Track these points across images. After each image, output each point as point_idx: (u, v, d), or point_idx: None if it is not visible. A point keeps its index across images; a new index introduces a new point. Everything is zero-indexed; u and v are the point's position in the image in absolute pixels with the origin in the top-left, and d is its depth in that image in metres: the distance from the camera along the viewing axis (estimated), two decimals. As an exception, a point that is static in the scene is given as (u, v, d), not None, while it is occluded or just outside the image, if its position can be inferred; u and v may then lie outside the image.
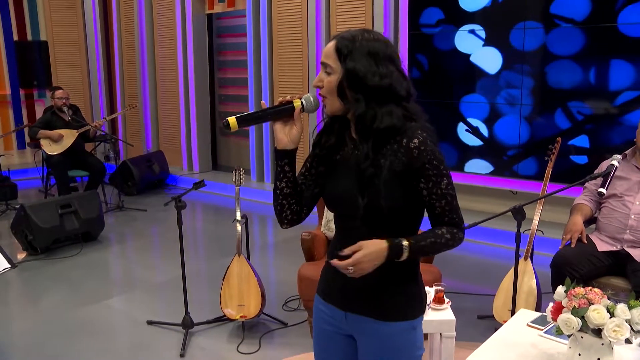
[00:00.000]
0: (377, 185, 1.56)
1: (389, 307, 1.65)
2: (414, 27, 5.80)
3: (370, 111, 1.56)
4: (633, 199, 3.23)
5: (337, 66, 1.58)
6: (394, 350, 1.67)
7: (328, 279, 1.77)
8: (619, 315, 2.14)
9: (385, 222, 1.60)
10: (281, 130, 1.65)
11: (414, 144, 1.56)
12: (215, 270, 4.66)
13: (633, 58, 4.68)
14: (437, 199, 1.58)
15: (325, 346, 1.82)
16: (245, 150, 7.99)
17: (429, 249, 1.61)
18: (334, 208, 1.71)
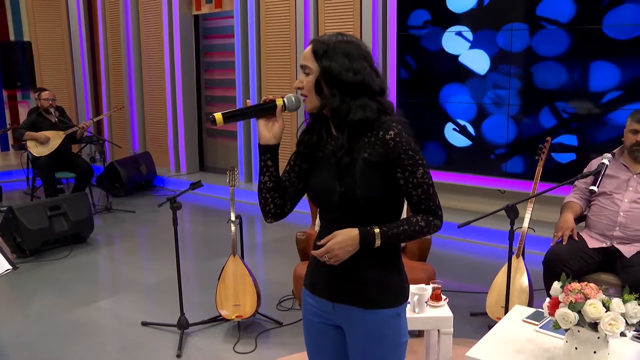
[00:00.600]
0: (353, 175, 1.65)
1: (373, 296, 1.72)
2: (402, 29, 5.86)
3: (345, 105, 1.67)
4: (622, 197, 3.31)
5: (314, 66, 1.68)
6: (380, 337, 1.74)
7: (315, 272, 1.83)
8: (615, 310, 2.20)
9: (364, 212, 1.68)
10: (264, 127, 1.74)
11: (389, 135, 1.65)
12: (207, 271, 4.67)
13: (617, 59, 4.78)
14: (414, 188, 1.67)
15: (315, 338, 1.89)
16: (232, 152, 8.00)
17: (403, 235, 1.70)
18: (315, 201, 1.80)
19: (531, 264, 3.63)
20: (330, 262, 1.67)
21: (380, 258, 1.72)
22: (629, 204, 3.28)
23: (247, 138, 7.35)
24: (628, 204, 3.28)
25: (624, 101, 4.79)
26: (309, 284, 1.87)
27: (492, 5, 5.30)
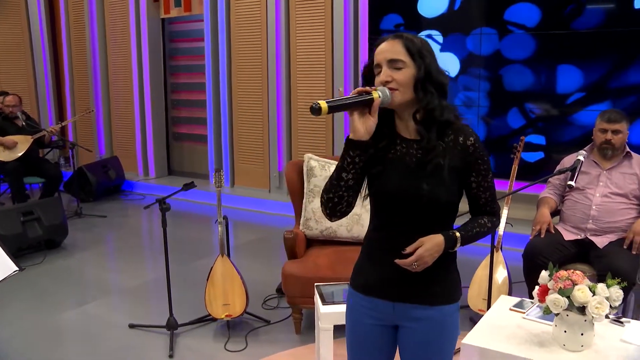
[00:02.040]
0: (441, 178, 1.68)
1: (439, 293, 1.78)
2: (374, 32, 5.99)
3: (439, 104, 1.68)
4: (594, 192, 3.50)
5: (410, 62, 1.67)
6: (441, 332, 1.81)
7: (370, 274, 1.83)
8: (600, 294, 2.35)
9: (439, 215, 1.73)
10: (359, 120, 1.65)
11: (470, 141, 1.72)
12: (188, 273, 4.68)
13: (579, 62, 5.01)
14: (484, 191, 1.77)
15: (365, 339, 1.88)
16: (199, 155, 7.99)
17: (475, 238, 1.79)
18: (390, 204, 1.75)
19: (508, 259, 3.78)
20: (417, 270, 1.70)
21: (444, 257, 1.75)
22: (600, 198, 3.47)
23: (217, 142, 7.34)
24: (600, 198, 3.47)
25: (587, 102, 5.03)
26: (361, 286, 1.86)
27: (462, 10, 5.49)
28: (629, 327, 2.63)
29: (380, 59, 1.70)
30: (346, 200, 1.74)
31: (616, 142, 3.49)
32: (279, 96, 6.68)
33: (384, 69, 1.69)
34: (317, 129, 6.53)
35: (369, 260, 1.84)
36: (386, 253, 1.76)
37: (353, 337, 1.91)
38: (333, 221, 1.80)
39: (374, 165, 1.75)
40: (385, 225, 1.79)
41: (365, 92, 1.64)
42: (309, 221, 3.94)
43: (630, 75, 4.84)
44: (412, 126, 1.74)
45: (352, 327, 1.91)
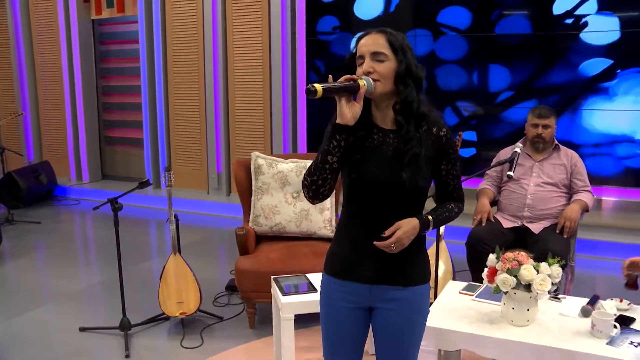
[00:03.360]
0: (418, 165, 1.79)
1: (412, 274, 1.90)
2: (311, 34, 6.12)
3: (417, 97, 1.80)
4: (528, 182, 3.75)
5: (391, 56, 1.77)
6: (416, 310, 1.93)
7: (347, 260, 1.91)
8: (543, 272, 2.56)
9: (411, 200, 1.84)
10: (346, 106, 1.73)
11: (443, 132, 1.86)
12: (133, 275, 4.63)
13: (508, 63, 5.33)
14: (452, 179, 1.91)
15: (341, 322, 1.96)
16: (134, 159, 7.87)
17: (444, 221, 1.93)
18: (370, 190, 1.84)
19: (449, 250, 3.98)
20: (394, 251, 1.81)
21: (416, 240, 1.86)
22: (534, 187, 3.73)
23: (154, 146, 7.25)
24: (534, 187, 3.73)
25: (515, 100, 5.35)
26: (337, 271, 1.93)
27: (397, 13, 5.70)
28: (565, 302, 2.87)
29: (364, 50, 1.79)
30: (329, 183, 1.82)
31: (546, 135, 3.75)
32: (217, 98, 6.69)
33: (367, 60, 1.78)
34: (255, 129, 6.58)
35: (344, 246, 1.92)
36: (362, 238, 1.86)
37: (329, 323, 1.98)
38: (314, 204, 1.88)
39: (353, 153, 1.83)
40: (361, 211, 1.87)
41: (353, 79, 1.73)
42: (258, 218, 4.00)
43: (553, 76, 5.19)
44: (389, 117, 1.85)
45: (329, 312, 1.98)
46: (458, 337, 2.61)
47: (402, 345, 1.94)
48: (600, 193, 5.04)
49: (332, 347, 2.01)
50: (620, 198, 5.15)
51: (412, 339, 1.95)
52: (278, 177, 4.01)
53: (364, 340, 2.03)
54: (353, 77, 1.74)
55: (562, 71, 5.15)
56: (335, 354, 2.01)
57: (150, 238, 6.00)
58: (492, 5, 5.33)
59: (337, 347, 2.00)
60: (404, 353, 1.95)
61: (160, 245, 5.83)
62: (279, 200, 3.99)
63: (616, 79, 4.99)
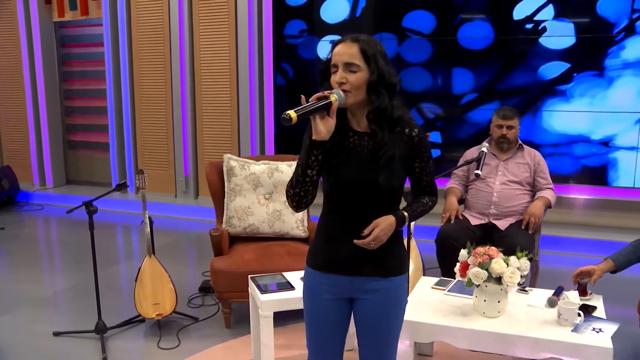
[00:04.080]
0: (391, 167, 1.88)
1: (391, 266, 1.99)
2: (279, 38, 6.18)
3: (390, 104, 1.88)
4: (494, 180, 3.90)
5: (363, 65, 1.84)
6: (393, 301, 2.01)
7: (329, 254, 1.99)
8: (513, 265, 2.69)
9: (389, 199, 1.95)
10: (320, 123, 1.81)
11: (415, 132, 1.94)
12: (106, 279, 4.61)
13: (471, 66, 5.50)
14: (426, 175, 2.01)
15: (325, 313, 2.04)
16: (99, 163, 7.80)
17: (419, 215, 2.04)
18: (347, 191, 1.93)
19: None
20: (373, 248, 1.90)
21: (394, 233, 1.96)
22: (500, 185, 3.87)
23: (120, 151, 7.19)
24: (499, 186, 3.87)
25: (478, 102, 5.52)
26: (320, 265, 2.02)
27: (363, 17, 5.82)
28: (532, 294, 3.02)
29: (337, 60, 1.86)
30: (311, 193, 1.93)
31: (511, 136, 3.91)
32: (184, 101, 6.69)
33: (340, 71, 1.85)
34: (223, 132, 6.61)
35: (326, 241, 2.01)
36: (343, 233, 1.95)
37: (312, 314, 2.07)
38: (299, 212, 2.02)
39: (330, 157, 1.92)
40: (340, 209, 1.97)
41: (324, 97, 1.80)
42: (231, 219, 4.04)
43: (515, 78, 5.38)
44: (363, 121, 1.93)
45: (312, 304, 2.06)
46: (433, 329, 2.72)
47: (382, 334, 2.03)
48: (559, 191, 5.23)
49: (315, 337, 2.09)
50: (578, 196, 5.37)
51: (392, 329, 2.04)
52: (250, 178, 4.06)
53: (346, 330, 2.11)
54: (324, 94, 1.81)
55: (522, 74, 5.35)
56: (319, 344, 2.09)
57: (117, 242, 5.96)
58: (455, 9, 5.49)
59: (320, 337, 2.08)
60: (384, 342, 2.04)
61: (127, 249, 5.80)
62: (252, 202, 4.04)
63: (573, 81, 5.21)
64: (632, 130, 5.10)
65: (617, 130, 5.14)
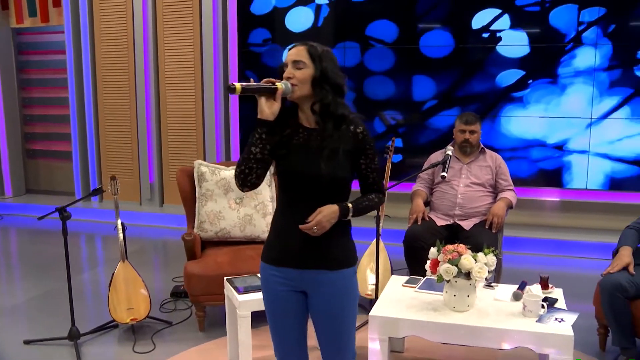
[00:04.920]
0: (336, 160, 2.03)
1: (337, 258, 2.11)
2: (243, 46, 6.26)
3: (333, 101, 2.04)
4: (458, 183, 4.06)
5: (310, 64, 2.04)
6: (343, 293, 2.13)
7: (279, 248, 2.14)
8: (480, 260, 2.83)
9: (334, 191, 2.08)
10: (265, 104, 2.00)
11: (359, 130, 2.09)
12: (73, 287, 4.57)
13: (432, 74, 5.69)
14: (371, 172, 2.14)
15: (281, 305, 2.18)
16: (60, 172, 7.70)
17: (365, 209, 2.15)
18: (294, 182, 2.09)
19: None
20: (317, 234, 2.02)
21: (340, 227, 2.09)
22: (463, 188, 4.04)
23: (83, 158, 7.11)
24: (463, 188, 4.04)
25: (439, 109, 5.71)
26: (272, 259, 2.16)
27: (326, 26, 5.95)
28: (497, 289, 3.17)
29: (288, 59, 2.08)
30: (255, 172, 2.06)
31: (473, 140, 4.09)
32: (148, 109, 6.68)
33: (289, 67, 2.06)
34: (188, 139, 6.62)
35: (276, 236, 2.16)
36: (292, 227, 2.07)
37: (270, 306, 2.21)
38: (245, 192, 2.15)
39: (281, 148, 2.09)
40: (291, 202, 2.12)
41: (272, 82, 2.01)
42: (203, 224, 4.09)
43: (474, 86, 5.59)
44: (312, 117, 2.09)
45: (268, 296, 2.20)
46: (406, 324, 2.84)
47: (336, 326, 2.15)
48: (518, 193, 5.45)
49: (276, 329, 2.22)
50: (535, 197, 5.61)
51: (346, 320, 2.16)
52: (221, 183, 4.13)
53: (305, 322, 2.23)
54: (272, 80, 2.01)
55: (481, 81, 5.56)
56: (280, 335, 2.22)
57: (81, 251, 5.91)
58: (416, 19, 5.68)
59: (280, 328, 2.21)
60: (339, 333, 2.16)
61: (92, 257, 5.77)
62: (223, 206, 4.10)
63: (528, 88, 5.45)
64: (584, 135, 5.36)
65: (570, 134, 5.40)
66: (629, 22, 5.20)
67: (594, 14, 5.24)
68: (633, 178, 5.29)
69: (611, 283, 3.06)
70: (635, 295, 3.07)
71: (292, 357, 2.25)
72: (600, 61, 5.26)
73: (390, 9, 5.74)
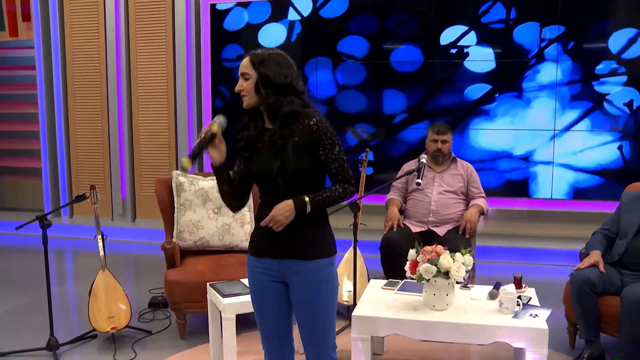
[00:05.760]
0: (286, 153, 2.15)
1: (313, 249, 2.22)
2: (216, 61, 6.34)
3: (277, 101, 2.16)
4: (431, 191, 4.20)
5: (253, 73, 2.16)
6: (319, 282, 2.23)
7: (259, 239, 2.27)
8: (458, 260, 2.94)
9: (296, 183, 2.18)
10: (214, 152, 2.16)
11: (312, 122, 2.19)
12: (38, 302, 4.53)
13: (402, 88, 5.85)
14: (332, 162, 2.22)
15: (264, 295, 2.29)
16: (27, 189, 7.61)
17: (327, 201, 2.22)
18: (258, 180, 2.26)
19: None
20: (275, 228, 2.14)
21: (314, 219, 2.21)
22: (437, 195, 4.18)
23: (53, 174, 7.03)
24: (436, 195, 4.18)
25: (409, 122, 5.87)
26: (254, 250, 2.31)
27: (299, 42, 6.08)
28: (473, 290, 3.29)
29: (239, 73, 2.21)
30: (236, 200, 2.30)
31: (445, 149, 4.24)
32: (121, 124, 6.68)
33: (240, 80, 2.19)
34: (160, 155, 6.62)
35: (257, 229, 2.28)
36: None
37: (255, 295, 2.32)
38: (236, 212, 2.37)
39: (245, 151, 2.25)
40: (265, 197, 2.25)
41: (207, 131, 2.14)
42: (182, 233, 4.12)
43: (443, 99, 5.77)
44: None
45: (253, 286, 2.32)
46: (388, 323, 2.93)
47: (315, 315, 2.24)
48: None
49: (261, 319, 2.33)
50: (504, 207, 5.79)
51: (324, 309, 2.25)
52: (200, 193, 4.18)
53: (289, 314, 2.32)
54: (206, 129, 2.15)
55: (450, 95, 5.75)
56: (265, 325, 2.32)
57: (52, 266, 5.83)
58: (387, 35, 5.85)
59: (264, 318, 2.32)
60: (318, 323, 2.25)
61: (63, 272, 5.73)
62: (202, 216, 4.15)
63: (495, 102, 5.65)
64: (548, 146, 5.58)
65: (535, 146, 5.61)
66: (586, 40, 5.46)
67: (554, 31, 5.49)
68: (595, 187, 5.51)
69: (581, 278, 3.22)
70: (603, 292, 3.24)
71: (276, 347, 2.33)
72: (561, 76, 5.50)
73: (361, 26, 5.90)
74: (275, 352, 2.34)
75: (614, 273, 3.31)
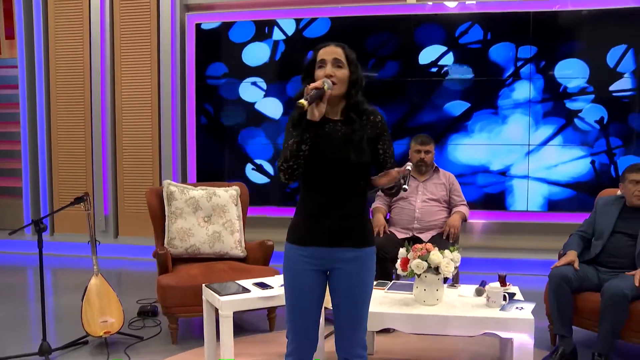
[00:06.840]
0: (361, 147, 2.26)
1: (362, 237, 2.33)
2: (201, 79, 6.47)
3: (361, 100, 2.30)
4: (415, 199, 4.36)
5: (346, 64, 2.28)
6: (368, 268, 2.35)
7: (308, 228, 2.32)
8: (447, 256, 3.09)
9: (357, 175, 2.29)
10: (316, 109, 2.17)
11: (378, 119, 2.35)
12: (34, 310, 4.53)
13: (384, 105, 6.02)
14: (389, 157, 2.37)
15: (303, 281, 2.35)
16: (4, 209, 7.55)
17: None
18: (326, 167, 2.28)
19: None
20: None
21: (363, 209, 2.35)
22: (421, 203, 4.34)
23: (34, 194, 7.02)
24: (420, 203, 4.34)
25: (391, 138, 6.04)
26: (298, 239, 2.34)
27: (282, 61, 6.25)
28: (460, 288, 3.44)
29: (327, 57, 2.27)
30: (302, 166, 2.26)
31: (428, 159, 4.42)
32: (104, 142, 6.70)
33: (329, 65, 2.26)
34: (144, 172, 6.65)
35: (305, 217, 2.34)
36: (321, 208, 2.29)
37: (293, 285, 2.36)
38: (289, 182, 2.30)
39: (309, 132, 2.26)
40: (318, 186, 2.31)
41: (317, 87, 2.16)
42: (173, 240, 4.20)
43: (423, 116, 5.98)
44: (337, 110, 2.32)
45: (292, 276, 2.36)
46: (382, 317, 3.05)
47: (357, 300, 2.34)
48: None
49: (295, 307, 2.37)
50: (482, 220, 5.98)
51: (365, 295, 2.36)
52: (190, 202, 4.27)
53: (321, 303, 2.40)
54: (317, 85, 2.17)
55: (430, 112, 5.96)
56: (298, 313, 2.37)
57: (29, 281, 5.82)
58: (368, 55, 6.06)
59: (299, 306, 2.36)
60: (359, 307, 2.34)
61: (37, 288, 5.69)
62: (192, 224, 4.23)
63: (472, 118, 5.88)
64: (523, 161, 5.81)
65: (511, 160, 5.83)
66: (556, 60, 5.75)
67: (527, 52, 5.76)
68: (568, 200, 5.75)
69: (559, 274, 3.43)
70: (578, 288, 3.44)
71: (302, 337, 2.38)
72: (534, 94, 5.76)
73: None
74: (301, 342, 2.37)
75: (591, 271, 3.50)
